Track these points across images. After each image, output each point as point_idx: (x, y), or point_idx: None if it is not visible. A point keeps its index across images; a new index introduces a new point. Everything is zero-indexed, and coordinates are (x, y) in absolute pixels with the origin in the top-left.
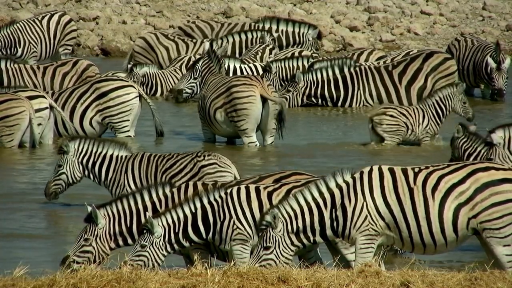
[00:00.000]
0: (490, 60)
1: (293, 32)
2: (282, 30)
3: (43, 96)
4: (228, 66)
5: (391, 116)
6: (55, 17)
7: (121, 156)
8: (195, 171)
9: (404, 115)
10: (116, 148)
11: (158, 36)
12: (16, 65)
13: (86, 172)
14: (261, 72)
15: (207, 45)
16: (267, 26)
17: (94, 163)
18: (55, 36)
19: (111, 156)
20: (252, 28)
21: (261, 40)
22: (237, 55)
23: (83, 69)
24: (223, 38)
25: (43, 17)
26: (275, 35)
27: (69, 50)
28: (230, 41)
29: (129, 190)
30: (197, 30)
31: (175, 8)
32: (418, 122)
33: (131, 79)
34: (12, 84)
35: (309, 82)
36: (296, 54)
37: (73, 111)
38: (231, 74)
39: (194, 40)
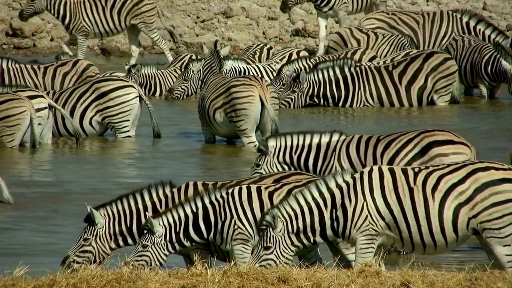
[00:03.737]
0: (504, 63)
1: (489, 36)
2: (479, 30)
3: (42, 96)
4: (232, 67)
5: None
6: None
7: None
8: None
9: None
10: None
11: (352, 30)
12: (17, 65)
13: None
14: (264, 72)
15: (205, 48)
16: (465, 19)
17: None
18: None
19: None
20: (452, 17)
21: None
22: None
23: (83, 69)
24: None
25: None
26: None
27: None
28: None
29: None
30: (401, 23)
31: (175, 8)
32: None
33: (130, 79)
34: (13, 84)
35: (311, 82)
36: (295, 54)
37: (73, 111)
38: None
39: (383, 33)
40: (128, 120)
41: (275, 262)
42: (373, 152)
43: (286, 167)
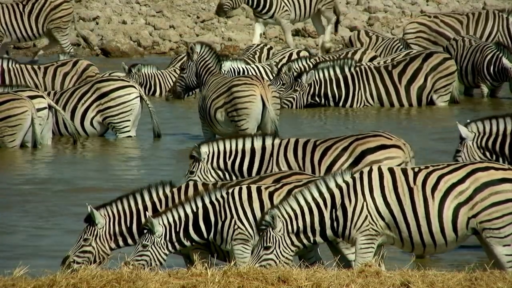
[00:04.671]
0: (505, 61)
1: None
2: None
3: (42, 96)
4: (231, 67)
5: None
6: None
7: None
8: None
9: None
10: None
11: (360, 32)
12: (17, 65)
13: None
14: (263, 73)
15: (195, 47)
16: (511, 19)
17: None
18: None
19: None
20: (498, 17)
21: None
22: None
23: (83, 69)
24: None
25: None
26: None
27: None
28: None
29: None
30: (443, 25)
31: (175, 8)
32: None
33: (130, 79)
34: (14, 84)
35: (312, 81)
36: (295, 54)
37: (74, 111)
38: (235, 75)
39: (383, 36)
40: (129, 120)
41: (275, 262)
42: (310, 159)
43: (220, 173)
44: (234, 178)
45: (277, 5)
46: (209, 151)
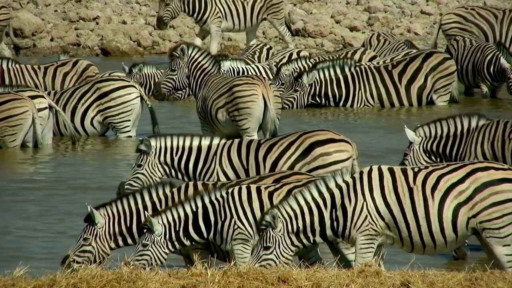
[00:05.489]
0: (503, 61)
1: None
2: None
3: (42, 96)
4: (230, 67)
5: None
6: None
7: None
8: None
9: None
10: None
11: (373, 35)
12: (17, 65)
13: None
14: (263, 73)
15: (184, 48)
16: None
17: None
18: None
19: None
20: None
21: None
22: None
23: (83, 69)
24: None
25: None
26: None
27: None
28: None
29: None
30: (479, 17)
31: None
32: None
33: (131, 79)
34: (14, 84)
35: (313, 82)
36: (295, 54)
37: (74, 111)
38: (235, 75)
39: (389, 40)
40: (129, 120)
41: (275, 262)
42: (255, 156)
43: (167, 169)
44: (179, 176)
45: (210, 10)
46: (156, 145)
